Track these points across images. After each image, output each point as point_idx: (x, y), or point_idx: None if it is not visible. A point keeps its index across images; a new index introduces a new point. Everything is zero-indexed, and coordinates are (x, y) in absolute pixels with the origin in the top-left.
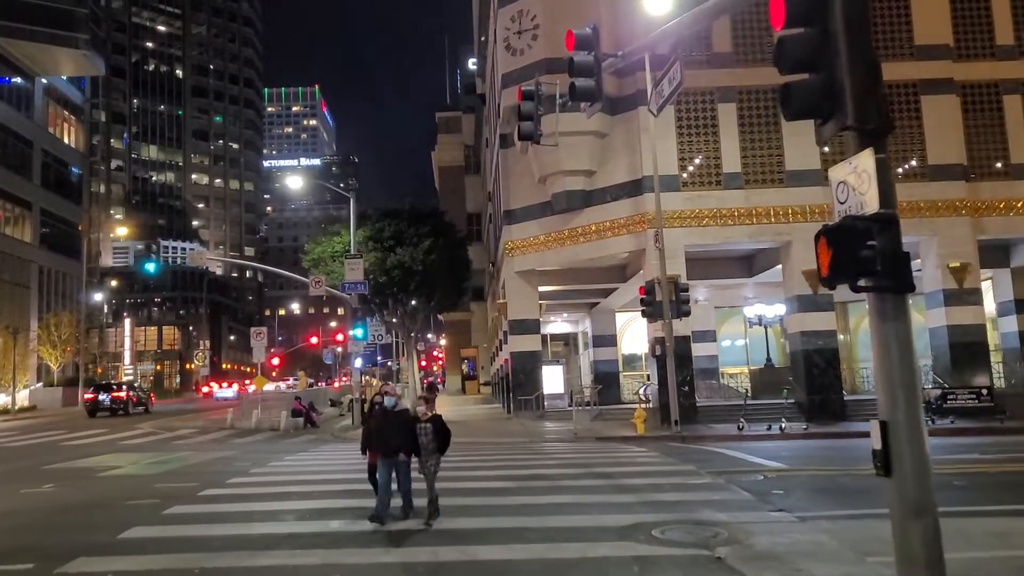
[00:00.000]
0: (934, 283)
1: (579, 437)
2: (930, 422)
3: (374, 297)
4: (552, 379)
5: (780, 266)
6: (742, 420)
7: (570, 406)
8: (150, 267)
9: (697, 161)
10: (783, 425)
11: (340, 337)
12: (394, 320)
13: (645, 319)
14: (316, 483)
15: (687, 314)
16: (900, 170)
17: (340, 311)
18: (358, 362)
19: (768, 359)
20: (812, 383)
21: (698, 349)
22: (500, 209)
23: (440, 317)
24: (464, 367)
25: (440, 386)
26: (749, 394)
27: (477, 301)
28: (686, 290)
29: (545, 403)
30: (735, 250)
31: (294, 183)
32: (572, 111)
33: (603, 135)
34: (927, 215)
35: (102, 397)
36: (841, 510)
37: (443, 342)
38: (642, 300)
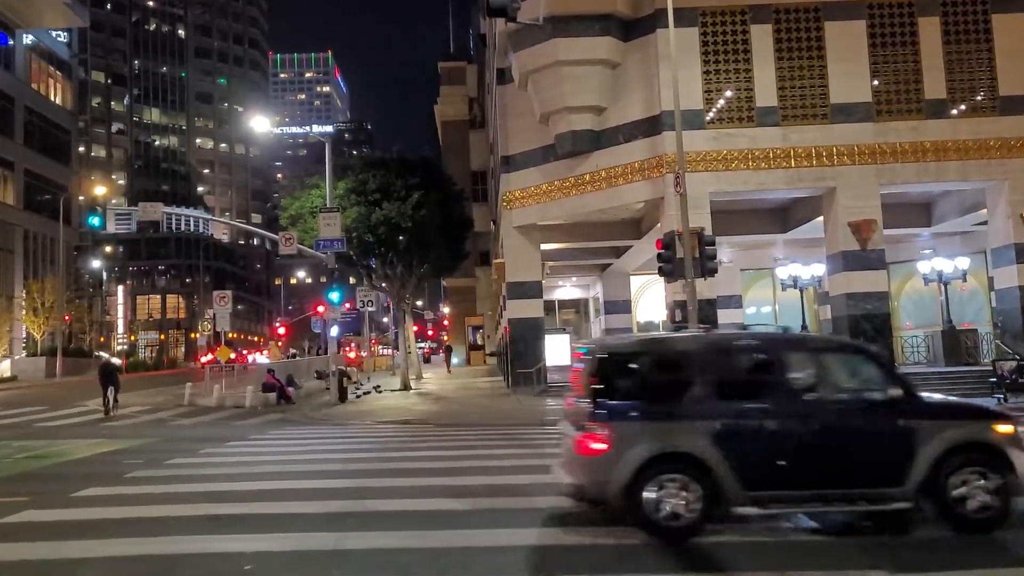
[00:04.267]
0: (1003, 237)
1: None
2: (1001, 400)
3: (360, 258)
4: (556, 349)
5: (820, 219)
6: None
7: None
8: (94, 220)
9: (726, 94)
10: None
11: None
12: (383, 284)
13: (663, 280)
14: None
15: (713, 272)
16: (964, 105)
17: (352, 279)
18: (334, 330)
19: (803, 326)
20: None
21: (722, 316)
22: (498, 155)
23: (444, 284)
24: (468, 336)
25: (423, 358)
26: None
27: (483, 266)
28: (712, 244)
29: (548, 377)
30: (768, 200)
31: (259, 125)
32: None
33: (614, 64)
34: (996, 155)
35: None
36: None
37: (446, 310)
38: (660, 256)
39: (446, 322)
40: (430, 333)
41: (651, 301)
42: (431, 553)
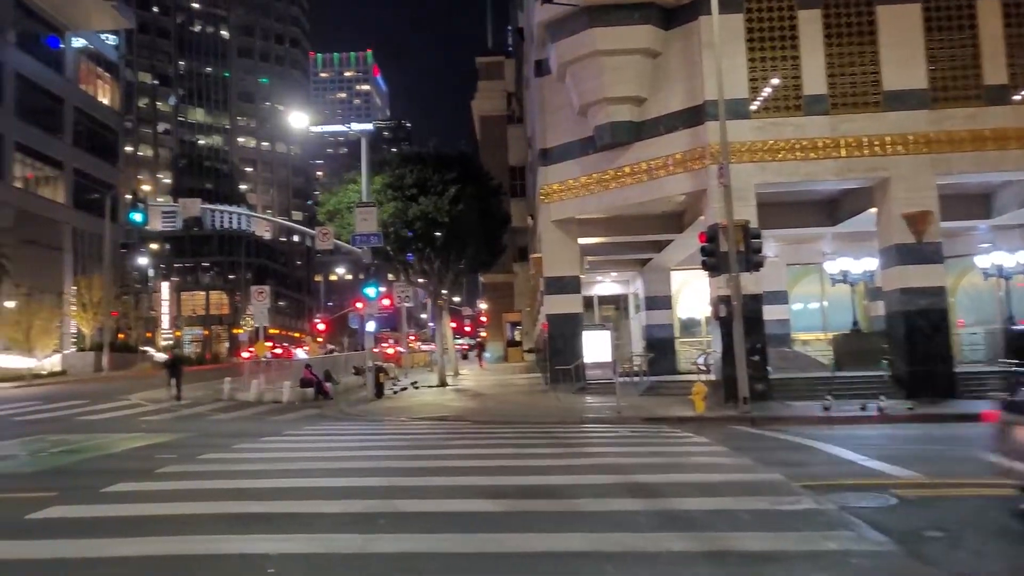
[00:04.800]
0: None
1: (623, 418)
2: None
3: (397, 254)
4: (595, 346)
5: (872, 211)
6: (828, 397)
7: (615, 376)
8: (136, 217)
9: (772, 82)
10: (881, 404)
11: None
12: (420, 280)
13: (706, 275)
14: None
15: (759, 266)
16: None
17: (390, 276)
18: (371, 325)
19: (855, 323)
20: (914, 352)
21: (767, 312)
22: (536, 149)
23: (481, 280)
24: (506, 333)
25: (461, 355)
26: (832, 365)
27: (521, 262)
28: (758, 236)
29: (587, 374)
30: (816, 191)
31: (298, 121)
32: None
33: (655, 54)
34: None
35: None
36: None
37: (484, 306)
38: (703, 249)
39: (484, 318)
40: (468, 329)
41: (693, 297)
42: (462, 559)
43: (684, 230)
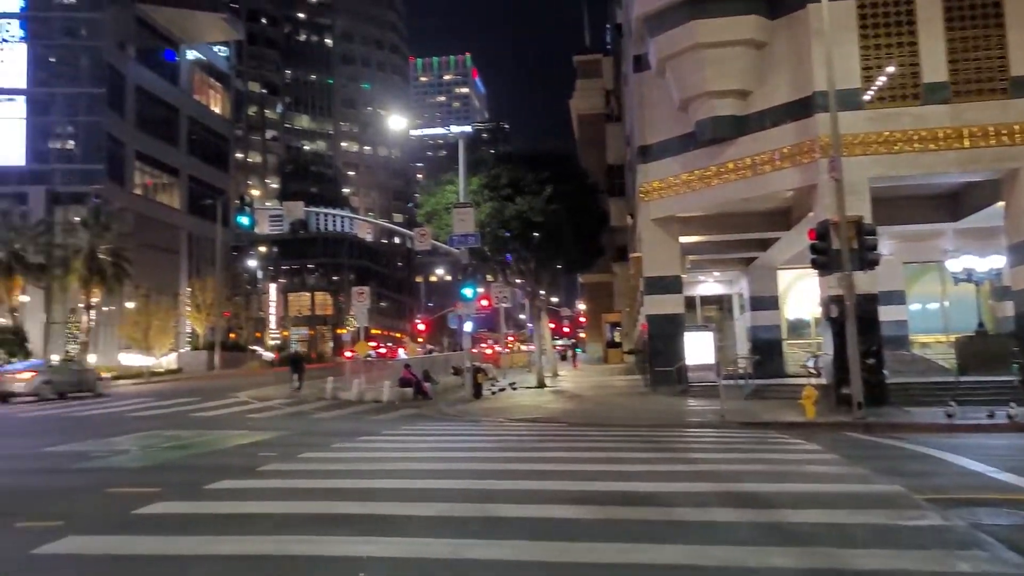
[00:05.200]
0: None
1: (727, 422)
2: None
3: (494, 254)
4: (698, 348)
5: (999, 204)
6: (952, 404)
7: (718, 378)
8: (243, 220)
9: (887, 70)
10: (1011, 412)
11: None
12: (518, 280)
13: (816, 273)
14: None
15: (873, 265)
16: None
17: (489, 276)
18: (468, 325)
19: (980, 324)
20: None
21: (883, 313)
22: (635, 147)
23: (580, 280)
24: (605, 334)
25: (559, 356)
26: (955, 370)
27: (620, 262)
28: (872, 233)
29: (689, 376)
30: (935, 185)
31: (396, 123)
32: None
33: (760, 44)
34: None
35: None
36: None
37: (582, 307)
38: (813, 247)
39: (582, 319)
40: (566, 330)
41: (802, 297)
42: (555, 569)
43: (792, 227)
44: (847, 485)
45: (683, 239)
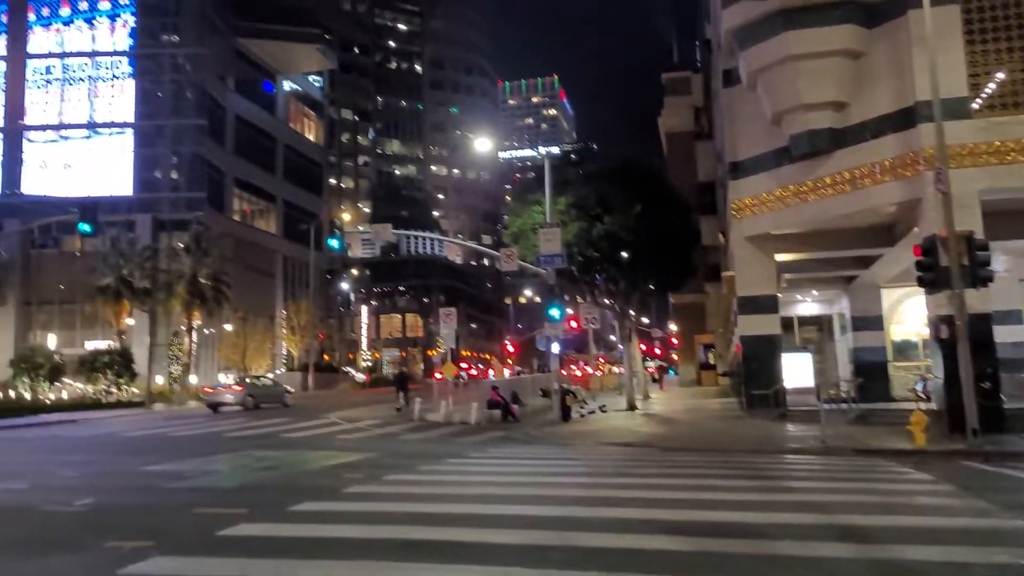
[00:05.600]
0: None
1: (829, 448)
2: None
3: (582, 274)
4: (796, 370)
5: None
6: None
7: (819, 403)
8: (333, 243)
9: (997, 76)
10: None
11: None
12: (607, 301)
13: (924, 293)
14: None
15: (986, 282)
16: None
17: (577, 297)
18: (556, 347)
19: None
20: None
21: (998, 333)
22: (726, 163)
23: (671, 300)
24: (698, 355)
25: (651, 378)
26: None
27: (712, 282)
28: (984, 248)
29: (787, 399)
30: None
31: (482, 145)
32: None
33: (857, 54)
34: None
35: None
36: None
37: (674, 327)
38: (919, 264)
39: (674, 340)
40: (657, 352)
41: (909, 316)
42: None
43: (895, 243)
44: (965, 519)
45: (778, 257)
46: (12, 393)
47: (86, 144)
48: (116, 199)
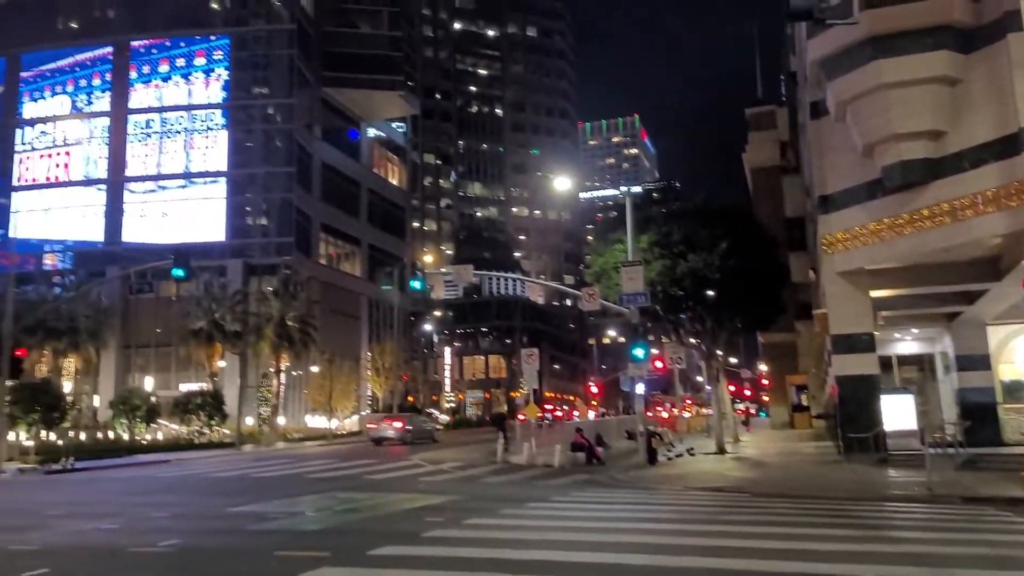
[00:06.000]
0: None
1: (935, 496)
2: None
3: (667, 313)
4: (896, 412)
5: None
6: None
7: (923, 447)
8: (415, 284)
9: None
10: None
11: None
12: (692, 340)
13: None
14: None
15: None
16: None
17: (664, 338)
18: (640, 387)
19: None
20: None
21: None
22: (815, 198)
23: (760, 339)
24: (791, 397)
25: (741, 420)
26: None
27: (803, 320)
28: None
29: (887, 443)
30: None
31: (561, 184)
32: None
33: (953, 81)
34: None
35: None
36: None
37: (764, 368)
38: None
39: (765, 381)
40: (747, 393)
41: (1019, 355)
42: None
43: (1002, 277)
44: None
45: (874, 293)
46: (111, 434)
47: (181, 193)
48: (209, 245)
